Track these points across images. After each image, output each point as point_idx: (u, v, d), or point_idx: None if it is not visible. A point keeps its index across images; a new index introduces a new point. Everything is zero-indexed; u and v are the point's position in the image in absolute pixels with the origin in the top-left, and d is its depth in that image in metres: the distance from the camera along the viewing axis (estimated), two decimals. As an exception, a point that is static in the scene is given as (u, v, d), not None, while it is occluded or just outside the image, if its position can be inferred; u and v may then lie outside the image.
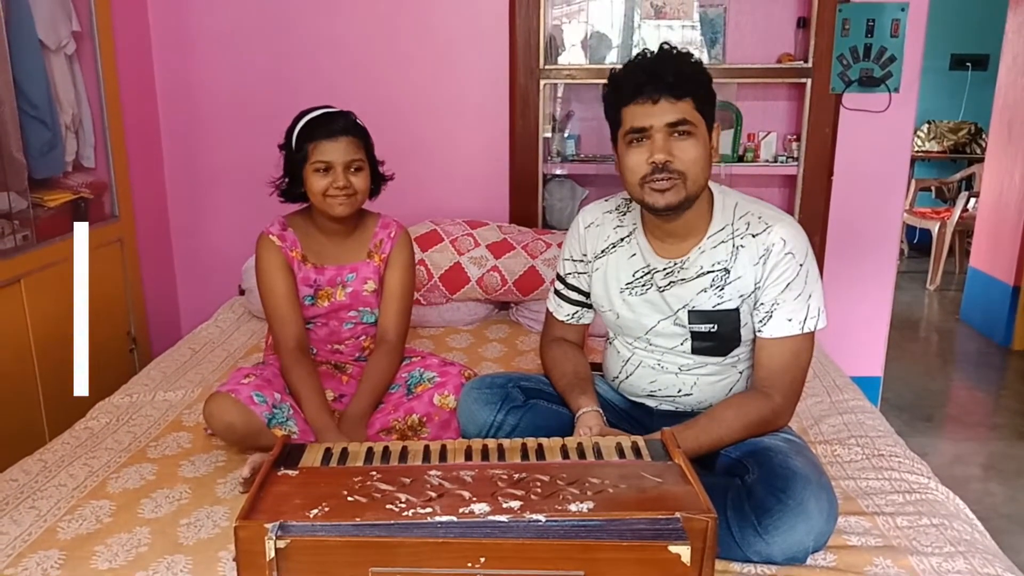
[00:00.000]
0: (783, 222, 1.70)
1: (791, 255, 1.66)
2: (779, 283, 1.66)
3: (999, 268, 4.61)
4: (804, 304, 1.67)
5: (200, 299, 3.49)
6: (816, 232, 3.29)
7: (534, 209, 3.33)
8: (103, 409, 2.25)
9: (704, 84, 1.63)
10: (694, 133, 1.60)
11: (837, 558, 1.53)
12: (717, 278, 1.71)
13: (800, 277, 1.66)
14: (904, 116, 3.20)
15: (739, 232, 1.70)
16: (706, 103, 1.63)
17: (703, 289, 1.72)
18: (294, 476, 1.38)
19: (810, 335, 1.69)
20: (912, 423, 3.52)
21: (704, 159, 1.62)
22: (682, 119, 1.58)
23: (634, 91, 1.60)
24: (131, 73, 3.15)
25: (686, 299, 1.73)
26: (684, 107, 1.58)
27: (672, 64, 1.59)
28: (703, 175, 1.63)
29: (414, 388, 2.10)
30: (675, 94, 1.57)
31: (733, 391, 1.80)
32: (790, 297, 1.66)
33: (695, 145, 1.60)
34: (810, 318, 1.67)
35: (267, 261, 2.08)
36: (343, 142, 1.99)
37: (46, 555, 1.55)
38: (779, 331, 1.67)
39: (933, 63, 6.06)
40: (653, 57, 1.62)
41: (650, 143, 1.60)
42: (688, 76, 1.59)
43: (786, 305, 1.66)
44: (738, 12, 3.26)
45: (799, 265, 1.67)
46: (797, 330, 1.67)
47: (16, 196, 2.50)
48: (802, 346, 1.69)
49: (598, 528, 1.22)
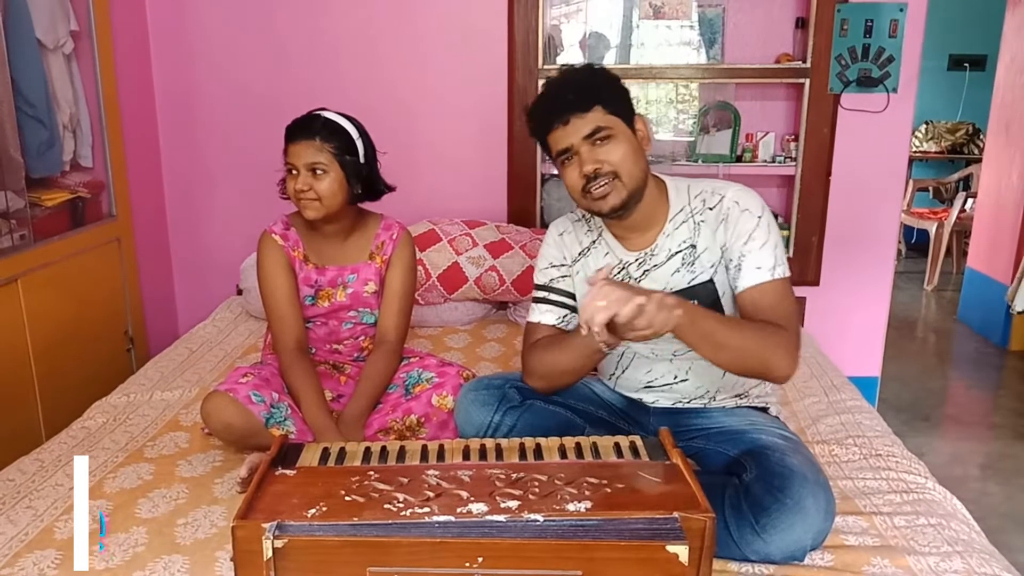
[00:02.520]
0: (734, 187, 1.76)
1: (747, 211, 1.70)
2: (741, 237, 1.69)
3: (996, 268, 4.61)
4: (771, 253, 1.68)
5: (198, 298, 3.49)
6: (814, 232, 3.30)
7: (532, 209, 3.34)
8: (100, 408, 2.25)
9: (608, 88, 1.70)
10: (613, 135, 1.67)
11: (835, 558, 1.53)
12: (686, 255, 1.75)
13: (761, 227, 1.69)
14: (902, 116, 3.21)
15: (697, 209, 1.76)
16: (616, 103, 1.69)
17: (676, 270, 1.76)
18: (292, 476, 1.38)
19: (785, 281, 1.68)
20: (910, 423, 3.52)
21: (631, 153, 1.68)
22: (596, 128, 1.65)
23: (546, 120, 1.69)
24: (129, 73, 3.15)
25: (662, 283, 1.76)
26: (594, 116, 1.66)
27: (570, 83, 1.70)
28: (636, 168, 1.68)
29: (412, 388, 2.10)
30: (581, 108, 1.65)
31: (727, 375, 1.80)
32: (755, 247, 1.68)
33: (617, 145, 1.67)
34: (778, 265, 1.68)
35: (269, 260, 2.08)
36: (303, 145, 1.97)
37: (43, 555, 1.55)
38: (752, 279, 1.68)
39: (931, 63, 6.06)
40: (553, 83, 1.72)
41: (577, 158, 1.68)
42: (587, 87, 1.68)
43: (752, 255, 1.68)
44: (736, 12, 3.27)
45: (757, 217, 1.70)
46: (768, 276, 1.67)
47: (13, 195, 2.50)
48: (781, 290, 1.68)
49: (596, 528, 1.22)
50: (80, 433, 2.10)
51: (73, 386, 2.69)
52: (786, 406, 2.27)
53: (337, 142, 1.99)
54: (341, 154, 1.99)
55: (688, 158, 3.38)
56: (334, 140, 1.99)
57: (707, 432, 1.79)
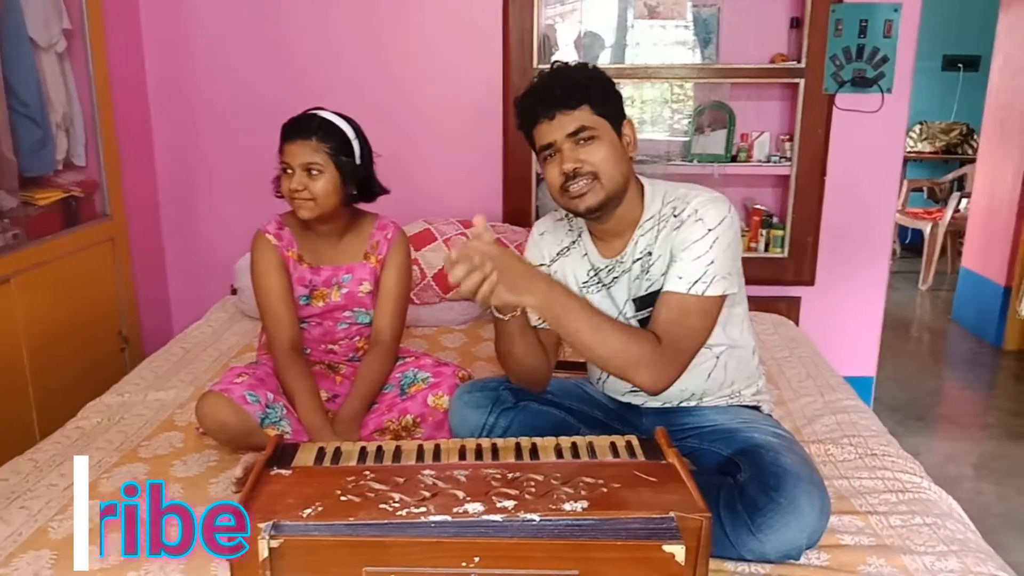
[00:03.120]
0: (703, 196, 1.71)
1: (700, 221, 1.66)
2: (683, 243, 1.66)
3: (991, 268, 4.62)
4: (701, 267, 1.64)
5: (192, 298, 3.48)
6: (809, 232, 3.30)
7: (527, 209, 3.34)
8: (94, 408, 2.24)
9: (597, 88, 1.67)
10: (597, 136, 1.65)
11: (830, 557, 1.53)
12: (644, 263, 1.74)
13: (704, 240, 1.64)
14: (896, 116, 3.21)
15: (664, 216, 1.73)
16: (605, 104, 1.67)
17: (636, 276, 1.75)
18: (287, 476, 1.38)
19: (700, 299, 1.63)
20: (904, 423, 3.52)
21: (613, 156, 1.66)
22: (580, 127, 1.64)
23: (532, 113, 1.68)
24: (122, 71, 3.14)
25: (625, 290, 1.76)
26: (580, 115, 1.64)
27: (560, 79, 1.66)
28: (616, 171, 1.67)
29: (408, 388, 2.09)
30: (568, 105, 1.64)
31: (712, 376, 1.80)
32: (688, 257, 1.65)
33: (600, 146, 1.65)
34: (701, 282, 1.63)
35: (263, 260, 2.08)
36: (298, 144, 1.97)
37: (37, 555, 1.54)
38: (669, 285, 1.66)
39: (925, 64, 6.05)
40: (544, 77, 1.70)
41: (559, 155, 1.66)
42: (577, 85, 1.65)
43: (682, 264, 1.65)
44: (731, 12, 3.27)
45: (707, 229, 1.65)
46: (684, 288, 1.63)
47: (6, 194, 2.49)
48: (690, 308, 1.64)
49: (592, 527, 1.21)
50: (74, 433, 2.09)
51: (67, 386, 2.68)
52: (781, 405, 2.27)
53: (333, 142, 1.99)
54: (337, 155, 1.99)
55: (683, 158, 3.38)
56: (330, 140, 1.98)
57: (700, 431, 1.79)
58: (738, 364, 1.83)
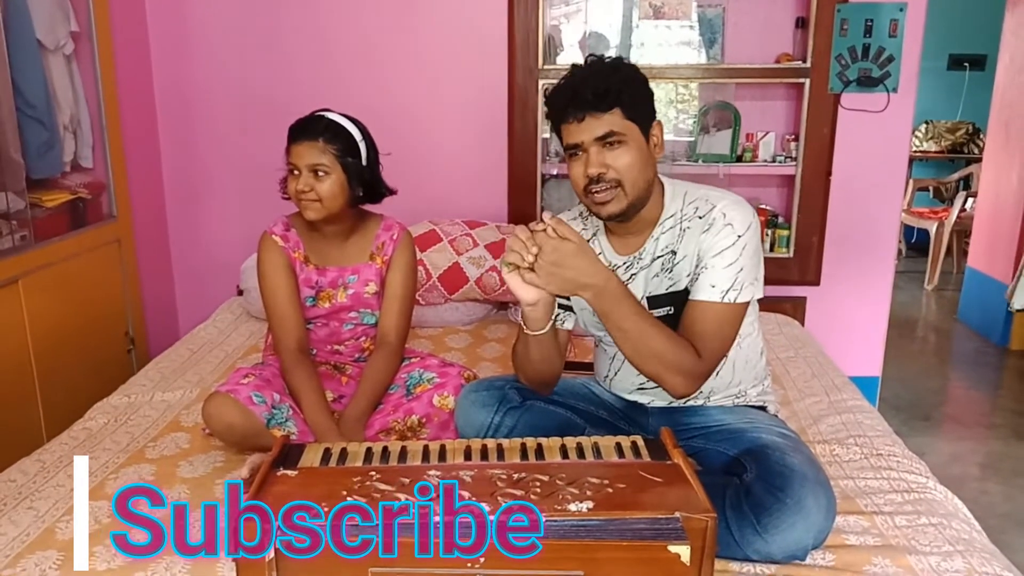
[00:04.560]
0: (728, 199, 1.71)
1: (730, 226, 1.66)
2: (712, 249, 1.66)
3: (996, 268, 4.61)
4: (732, 275, 1.65)
5: (198, 299, 3.49)
6: (814, 232, 3.29)
7: (533, 209, 3.33)
8: (101, 409, 2.25)
9: (630, 91, 1.64)
10: (624, 141, 1.63)
11: (836, 557, 1.53)
12: (666, 261, 1.73)
13: (734, 247, 1.65)
14: (902, 116, 3.21)
15: (687, 216, 1.73)
16: (636, 108, 1.65)
17: (656, 274, 1.75)
18: (293, 476, 1.38)
19: (732, 307, 1.65)
20: (910, 423, 3.52)
21: (639, 163, 1.65)
22: (609, 131, 1.62)
23: (561, 111, 1.65)
24: (129, 73, 3.15)
25: (643, 286, 1.76)
26: (611, 119, 1.62)
27: (592, 80, 1.62)
28: (641, 178, 1.66)
29: (413, 389, 2.10)
30: (599, 108, 1.61)
31: (721, 374, 1.80)
32: (719, 264, 1.65)
33: (627, 152, 1.63)
34: (732, 290, 1.65)
35: (269, 261, 2.08)
36: (305, 146, 1.97)
37: (44, 556, 1.55)
38: (701, 295, 1.66)
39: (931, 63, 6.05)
40: (577, 75, 1.65)
41: (585, 156, 1.64)
42: (608, 88, 1.61)
43: (713, 271, 1.66)
44: (737, 12, 3.27)
45: (736, 236, 1.66)
46: (718, 298, 1.65)
47: (14, 196, 2.50)
48: (724, 316, 1.66)
49: (597, 528, 1.22)
50: (81, 434, 2.10)
51: (74, 387, 2.69)
52: (787, 406, 2.27)
53: (340, 144, 1.99)
54: (343, 156, 1.99)
55: (688, 158, 3.38)
56: (337, 142, 1.98)
57: (706, 431, 1.79)
58: (746, 363, 1.83)
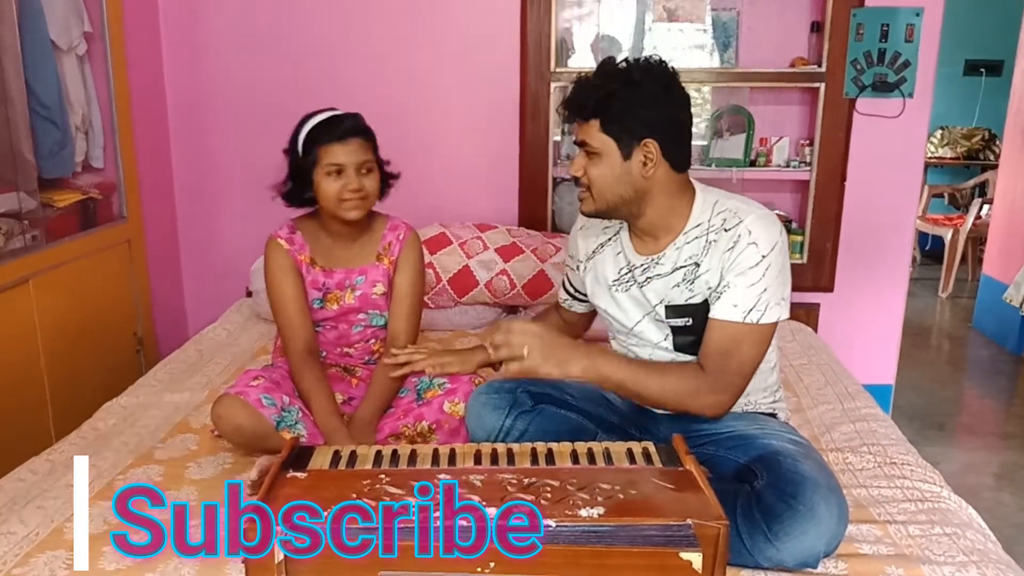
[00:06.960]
0: (755, 214, 1.69)
1: (755, 244, 1.65)
2: (736, 268, 1.66)
3: (1012, 275, 4.56)
4: (755, 295, 1.64)
5: (207, 300, 3.49)
6: (828, 238, 3.27)
7: (543, 212, 3.33)
8: (110, 410, 2.25)
9: (616, 105, 1.64)
10: (597, 153, 1.68)
11: (849, 566, 1.51)
12: (688, 272, 1.73)
13: (758, 267, 1.64)
14: (918, 121, 3.18)
15: (714, 227, 1.72)
16: (617, 122, 1.65)
17: (676, 284, 1.74)
18: (303, 479, 1.38)
19: (755, 327, 1.65)
20: (924, 431, 3.49)
21: (609, 178, 1.69)
22: (582, 141, 1.70)
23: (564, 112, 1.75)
24: (141, 74, 3.16)
25: (661, 294, 1.76)
26: (587, 129, 1.68)
27: (582, 88, 1.69)
28: (609, 192, 1.70)
29: (424, 394, 2.09)
30: (580, 116, 1.69)
31: None
32: (742, 283, 1.65)
33: (598, 164, 1.69)
34: (755, 310, 1.64)
35: (275, 264, 2.08)
36: (354, 144, 1.97)
37: (54, 555, 1.55)
38: (721, 313, 1.66)
39: (947, 69, 6.03)
40: (581, 80, 1.71)
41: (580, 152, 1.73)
42: (585, 102, 1.67)
43: (735, 290, 1.65)
44: (751, 16, 3.25)
45: (761, 256, 1.65)
46: (739, 317, 1.65)
47: (26, 196, 2.51)
48: (745, 336, 1.66)
49: (609, 534, 1.21)
50: (90, 434, 2.10)
51: (83, 387, 2.69)
52: (799, 413, 2.26)
53: (374, 140, 2.03)
54: (376, 151, 2.03)
55: (702, 162, 3.36)
56: (372, 138, 2.03)
57: (717, 438, 1.77)
58: (757, 376, 1.81)
